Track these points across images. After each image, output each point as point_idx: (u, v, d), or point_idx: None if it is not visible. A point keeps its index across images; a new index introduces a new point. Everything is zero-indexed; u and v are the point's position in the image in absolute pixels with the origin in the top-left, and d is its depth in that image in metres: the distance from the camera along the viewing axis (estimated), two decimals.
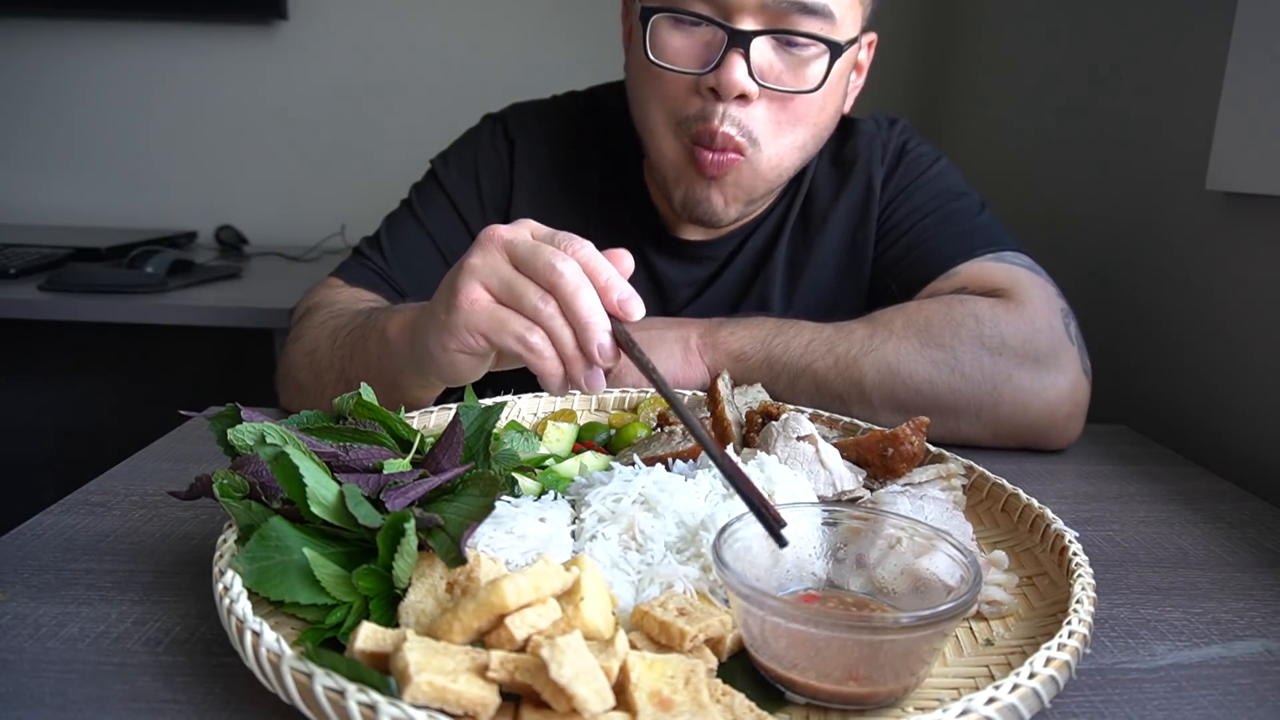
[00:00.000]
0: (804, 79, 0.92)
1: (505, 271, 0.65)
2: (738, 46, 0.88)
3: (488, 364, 0.72)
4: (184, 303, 1.74)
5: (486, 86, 1.84)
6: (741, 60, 0.88)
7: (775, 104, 0.93)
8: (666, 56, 0.92)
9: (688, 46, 0.91)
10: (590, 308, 0.62)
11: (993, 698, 0.42)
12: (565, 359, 0.64)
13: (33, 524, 0.69)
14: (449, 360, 0.70)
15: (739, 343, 0.95)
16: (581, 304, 0.62)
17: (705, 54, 0.91)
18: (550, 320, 0.63)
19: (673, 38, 0.92)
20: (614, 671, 0.42)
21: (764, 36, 0.89)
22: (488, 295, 0.65)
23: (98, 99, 2.37)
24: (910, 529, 0.55)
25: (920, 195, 1.09)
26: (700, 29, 0.90)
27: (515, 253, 0.65)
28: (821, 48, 0.91)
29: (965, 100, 2.10)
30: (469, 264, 0.66)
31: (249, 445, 0.57)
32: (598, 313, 0.62)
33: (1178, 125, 1.21)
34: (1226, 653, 0.57)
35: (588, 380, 0.64)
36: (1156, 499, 0.83)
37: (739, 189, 0.97)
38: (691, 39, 0.91)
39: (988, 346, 0.90)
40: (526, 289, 0.63)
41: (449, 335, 0.67)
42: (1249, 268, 1.05)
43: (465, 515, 0.52)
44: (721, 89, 0.89)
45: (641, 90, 0.98)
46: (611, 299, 0.63)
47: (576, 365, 0.64)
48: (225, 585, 0.49)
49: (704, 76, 0.90)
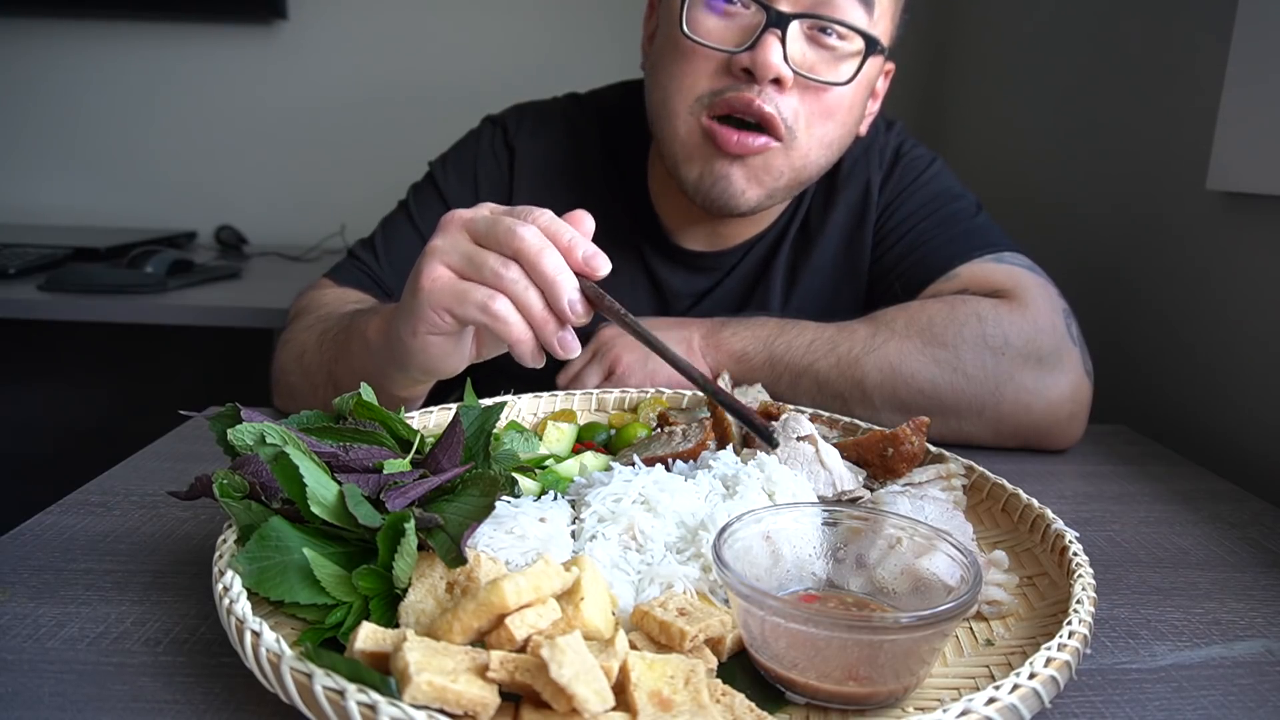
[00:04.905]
0: (837, 73, 0.91)
1: (466, 247, 0.66)
2: (776, 28, 0.87)
3: (464, 348, 0.72)
4: (184, 303, 1.74)
5: (487, 86, 1.84)
6: (778, 43, 0.87)
7: (809, 95, 0.92)
8: (701, 33, 0.91)
9: (724, 26, 0.91)
10: (556, 266, 0.63)
11: (993, 698, 0.42)
12: (535, 324, 0.64)
13: (33, 524, 0.69)
14: (421, 345, 0.70)
15: (741, 343, 0.94)
16: (546, 264, 0.63)
17: (741, 35, 0.90)
18: (514, 285, 0.63)
19: (709, 16, 0.91)
20: (614, 671, 0.42)
21: (801, 23, 0.88)
22: (449, 273, 0.66)
23: (98, 99, 2.37)
24: (910, 529, 0.55)
25: (917, 198, 1.08)
26: (738, 10, 0.90)
27: (476, 229, 0.66)
28: (856, 43, 0.90)
29: (966, 100, 2.10)
30: (430, 246, 0.67)
31: (249, 445, 0.57)
32: (564, 271, 0.63)
33: (1178, 125, 1.21)
34: (1227, 653, 0.57)
35: (561, 342, 0.65)
36: (1156, 499, 0.83)
37: (766, 174, 0.95)
38: (729, 19, 0.90)
39: (991, 346, 0.89)
40: (486, 258, 0.64)
41: (416, 318, 0.68)
42: (1249, 268, 1.05)
43: (465, 515, 0.52)
44: (757, 69, 0.88)
45: (668, 70, 0.95)
46: (576, 257, 0.64)
47: (548, 328, 0.64)
48: (225, 585, 0.49)
49: (739, 55, 0.89)
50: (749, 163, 0.93)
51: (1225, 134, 1.05)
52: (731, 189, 0.95)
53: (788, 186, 0.98)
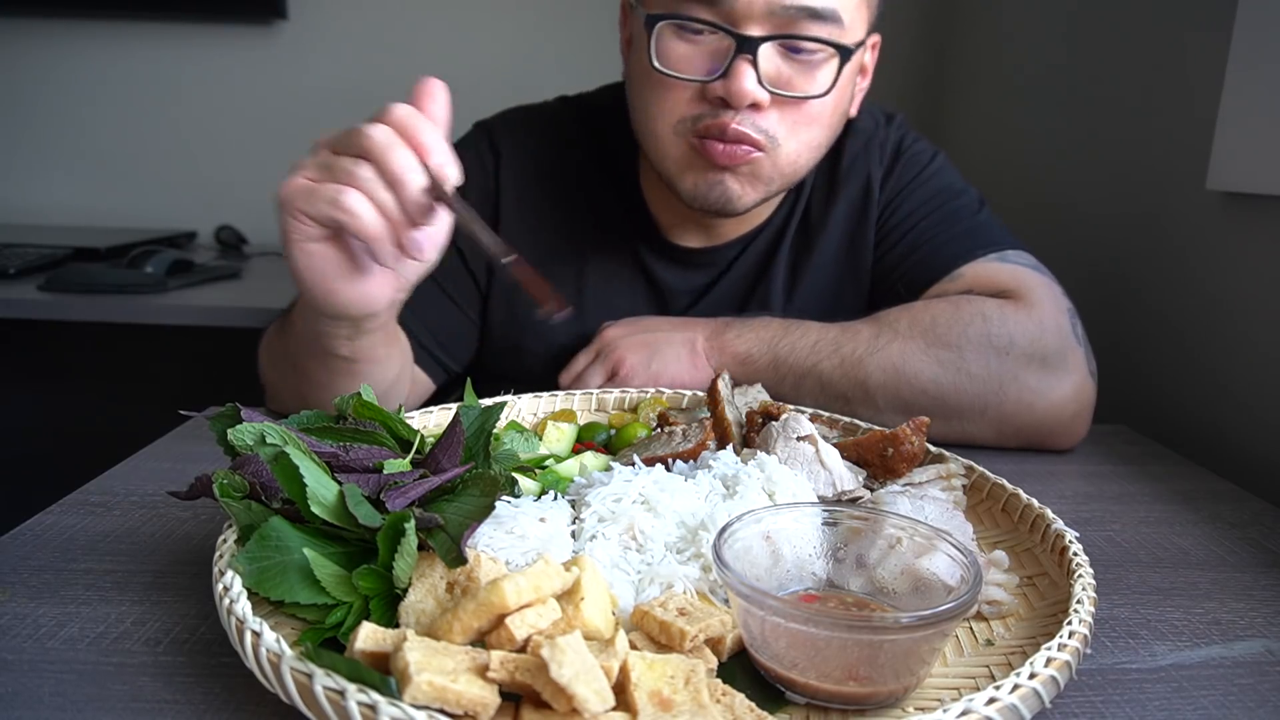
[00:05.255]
0: (813, 83, 0.90)
1: (323, 157, 0.67)
2: (746, 54, 0.86)
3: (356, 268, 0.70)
4: (184, 303, 1.74)
5: (487, 87, 1.83)
6: (750, 68, 0.86)
7: (788, 108, 0.91)
8: (671, 64, 0.90)
9: (694, 54, 0.89)
10: (403, 164, 0.63)
11: (993, 698, 0.42)
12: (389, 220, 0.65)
13: (33, 524, 0.69)
14: (300, 265, 0.69)
15: (745, 346, 0.94)
16: (393, 161, 0.63)
17: (711, 62, 0.89)
18: (365, 183, 0.64)
19: (678, 45, 0.90)
20: (614, 671, 0.42)
21: (772, 43, 0.87)
22: (306, 180, 0.67)
23: (98, 99, 2.37)
24: (910, 529, 0.55)
25: (919, 195, 1.07)
26: (706, 36, 0.88)
27: (334, 140, 0.67)
28: (830, 52, 0.89)
29: (966, 99, 2.10)
30: (293, 166, 0.68)
31: (249, 445, 0.57)
32: (412, 169, 0.64)
33: (1178, 125, 1.21)
34: (1227, 653, 0.57)
35: (414, 243, 0.66)
36: (1156, 499, 0.83)
37: (757, 179, 0.95)
38: (697, 47, 0.89)
39: (995, 346, 0.89)
40: (338, 160, 0.65)
41: (281, 232, 0.68)
42: (1249, 268, 1.05)
43: (465, 515, 0.52)
44: (732, 98, 0.87)
45: (643, 96, 0.96)
46: (430, 160, 0.64)
47: (401, 228, 0.65)
48: (225, 585, 0.49)
49: (712, 84, 0.88)
50: (738, 171, 0.93)
51: (1225, 134, 1.05)
52: (729, 194, 0.95)
53: (781, 186, 0.99)
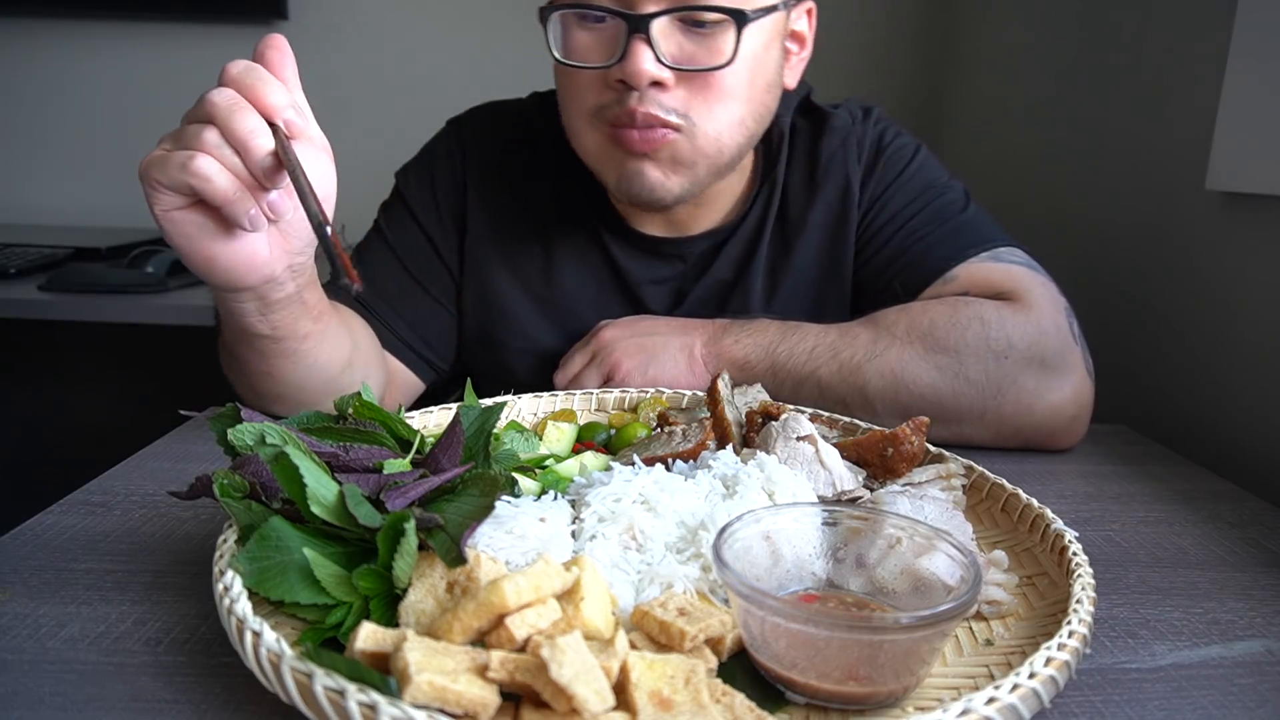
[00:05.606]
0: (717, 54, 0.88)
1: (180, 129, 0.67)
2: (639, 33, 0.85)
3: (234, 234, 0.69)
4: (184, 303, 1.74)
5: (487, 86, 1.82)
6: (646, 48, 0.85)
7: (695, 83, 0.90)
8: (574, 54, 0.90)
9: (594, 41, 0.90)
10: (247, 127, 0.63)
11: (993, 698, 0.42)
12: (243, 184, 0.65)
13: (33, 524, 0.69)
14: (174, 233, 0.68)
15: (744, 350, 0.94)
16: (236, 124, 0.63)
17: (610, 46, 0.88)
18: (215, 148, 0.64)
19: (580, 35, 0.90)
20: (614, 671, 0.42)
21: (665, 19, 0.86)
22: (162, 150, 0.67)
23: (98, 99, 2.37)
24: (910, 529, 0.55)
25: (904, 194, 1.05)
26: (604, 23, 0.88)
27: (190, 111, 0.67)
28: (728, 20, 0.87)
29: (965, 99, 2.10)
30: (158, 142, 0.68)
31: (249, 445, 0.57)
32: (256, 133, 0.64)
33: (1178, 125, 1.21)
34: (1226, 653, 0.57)
35: (271, 205, 0.66)
36: (1156, 499, 0.83)
37: (679, 164, 0.93)
38: (596, 33, 0.89)
39: (994, 350, 0.89)
40: (188, 127, 0.65)
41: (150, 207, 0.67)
42: (1249, 268, 1.05)
43: (465, 515, 0.52)
44: (630, 79, 0.87)
45: (560, 87, 0.96)
46: (277, 119, 0.65)
47: (254, 189, 0.65)
48: (225, 585, 0.49)
49: (611, 69, 0.88)
50: (657, 156, 0.92)
51: (1225, 134, 1.05)
52: (649, 183, 0.94)
53: (709, 169, 0.96)
